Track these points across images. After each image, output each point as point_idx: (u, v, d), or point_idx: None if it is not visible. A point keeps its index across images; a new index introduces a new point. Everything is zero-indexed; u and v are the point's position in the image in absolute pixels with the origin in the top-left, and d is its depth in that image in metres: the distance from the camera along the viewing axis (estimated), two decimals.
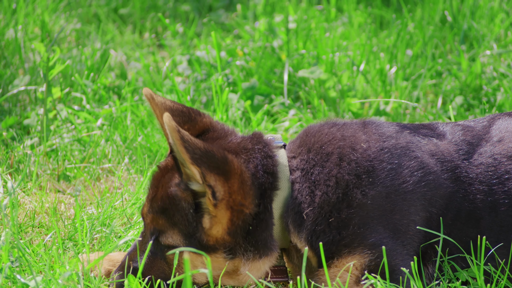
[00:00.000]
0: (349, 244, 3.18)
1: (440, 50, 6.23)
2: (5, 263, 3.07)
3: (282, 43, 6.16)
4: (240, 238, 3.19)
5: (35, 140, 4.88)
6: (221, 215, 3.15)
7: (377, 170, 3.22)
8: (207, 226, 3.17)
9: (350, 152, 3.24)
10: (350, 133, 3.30)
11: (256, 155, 3.23)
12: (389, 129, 3.34)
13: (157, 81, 5.82)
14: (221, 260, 3.21)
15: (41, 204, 4.12)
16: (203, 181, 3.10)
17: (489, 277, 3.28)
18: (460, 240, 3.26)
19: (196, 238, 3.18)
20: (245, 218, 3.18)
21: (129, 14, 7.56)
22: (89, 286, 3.24)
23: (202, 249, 3.17)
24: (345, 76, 5.78)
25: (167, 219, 3.20)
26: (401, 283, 3.15)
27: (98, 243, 3.78)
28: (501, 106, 5.35)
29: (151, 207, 3.24)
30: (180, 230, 3.19)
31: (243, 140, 3.29)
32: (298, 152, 3.30)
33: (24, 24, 6.55)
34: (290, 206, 3.23)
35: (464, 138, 3.37)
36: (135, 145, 4.85)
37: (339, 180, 3.21)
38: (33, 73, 5.67)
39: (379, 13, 7.03)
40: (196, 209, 3.18)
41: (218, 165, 3.10)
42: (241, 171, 3.15)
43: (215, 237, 3.18)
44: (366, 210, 3.18)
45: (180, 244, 3.19)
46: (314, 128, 3.36)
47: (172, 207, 3.20)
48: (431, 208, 3.24)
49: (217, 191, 3.11)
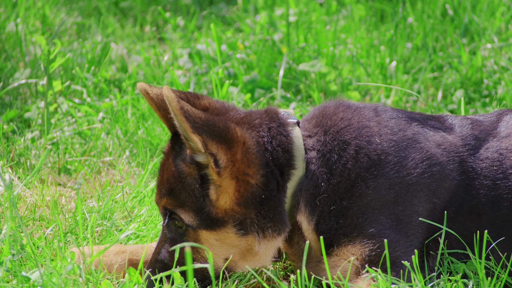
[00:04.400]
0: (348, 234, 3.19)
1: (441, 44, 6.22)
2: (6, 256, 3.08)
3: (282, 36, 6.15)
4: (252, 211, 3.19)
5: (36, 133, 4.88)
6: (226, 185, 3.15)
7: (383, 163, 3.23)
8: (214, 198, 3.17)
9: (366, 145, 3.26)
10: (364, 122, 3.31)
11: (263, 128, 3.23)
12: (399, 121, 3.35)
13: (158, 74, 5.82)
14: (232, 235, 3.20)
15: (42, 198, 4.12)
16: (205, 149, 3.10)
17: (490, 271, 3.28)
18: (461, 234, 3.27)
19: (205, 213, 3.18)
20: (253, 190, 3.17)
21: (130, 7, 7.55)
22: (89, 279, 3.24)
23: (212, 224, 3.18)
24: (345, 69, 5.78)
25: (176, 199, 3.21)
26: (401, 275, 3.15)
27: (99, 236, 3.78)
28: (502, 100, 5.35)
29: (160, 192, 3.26)
30: (189, 207, 3.20)
31: (249, 114, 3.29)
32: (314, 132, 3.31)
33: (24, 17, 6.54)
34: (304, 186, 3.23)
35: (472, 132, 3.38)
36: (136, 138, 4.85)
37: (351, 172, 3.23)
38: (34, 66, 5.67)
39: (379, 7, 7.02)
40: (202, 183, 3.18)
41: (220, 133, 3.10)
42: (245, 140, 3.15)
43: (223, 208, 3.17)
44: (366, 200, 3.19)
45: (192, 221, 3.20)
46: (329, 110, 3.37)
47: (178, 185, 3.20)
48: (435, 199, 3.25)
49: (219, 158, 3.12)
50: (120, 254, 3.46)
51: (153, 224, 3.79)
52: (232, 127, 3.13)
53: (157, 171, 3.33)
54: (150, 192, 4.09)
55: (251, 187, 3.17)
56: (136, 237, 3.71)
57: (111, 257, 3.44)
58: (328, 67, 5.75)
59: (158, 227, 3.77)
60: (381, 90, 5.68)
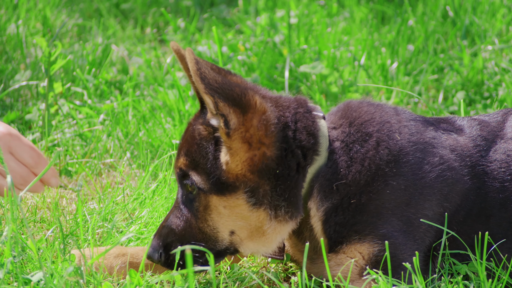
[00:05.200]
0: (360, 231, 3.19)
1: (442, 45, 6.22)
2: (7, 258, 3.08)
3: (283, 38, 6.16)
4: (266, 183, 3.18)
5: (37, 135, 4.88)
6: (237, 147, 3.16)
7: (402, 162, 3.25)
8: (224, 160, 3.17)
9: (387, 139, 3.27)
10: (386, 117, 3.34)
11: (290, 110, 3.25)
12: (417, 123, 3.37)
13: (159, 76, 5.82)
14: (242, 203, 3.20)
15: (43, 199, 4.13)
16: (216, 110, 3.13)
17: (491, 272, 3.28)
18: (469, 237, 3.27)
19: (216, 176, 3.18)
20: (269, 163, 3.17)
21: (130, 9, 7.55)
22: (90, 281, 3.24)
23: (223, 189, 3.19)
24: (346, 71, 5.78)
25: (191, 159, 3.24)
26: (404, 277, 3.15)
27: (99, 238, 3.78)
28: (503, 101, 5.35)
29: (179, 153, 3.29)
30: (202, 169, 3.21)
31: (279, 97, 3.32)
32: (339, 123, 3.33)
33: (25, 19, 6.55)
34: (321, 173, 3.23)
35: (481, 133, 3.39)
36: (137, 140, 4.85)
37: (371, 163, 3.24)
38: (35, 68, 5.68)
39: (380, 8, 7.03)
40: (216, 146, 3.21)
41: (234, 97, 3.13)
42: (265, 110, 3.17)
43: (234, 173, 3.17)
44: (383, 199, 3.20)
45: (203, 185, 3.21)
46: (354, 104, 3.40)
47: (194, 146, 3.23)
48: (446, 203, 3.25)
49: (230, 120, 3.14)
50: (121, 257, 3.45)
51: (154, 226, 3.79)
52: (250, 94, 3.16)
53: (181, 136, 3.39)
54: (151, 194, 4.09)
55: (266, 158, 3.17)
56: (137, 239, 3.71)
57: (111, 260, 3.44)
58: (329, 68, 5.75)
59: None
60: (382, 91, 5.68)
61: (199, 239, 3.26)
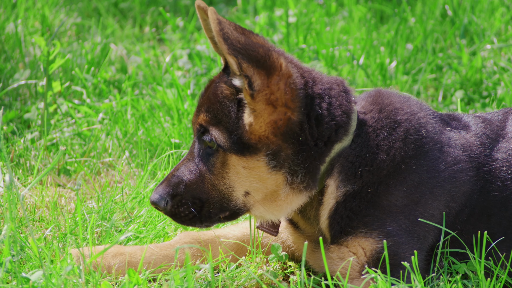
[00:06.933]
0: (369, 224, 3.18)
1: (441, 45, 6.22)
2: (6, 257, 3.08)
3: (282, 37, 6.15)
4: (289, 147, 3.18)
5: (36, 134, 4.88)
6: (261, 109, 3.15)
7: (422, 159, 3.25)
8: (248, 122, 3.16)
9: (414, 133, 3.27)
10: (414, 110, 3.34)
11: (326, 87, 3.25)
12: (437, 122, 3.36)
13: (157, 75, 5.82)
14: (262, 165, 3.19)
15: (42, 198, 4.12)
16: (240, 71, 3.12)
17: (490, 271, 3.29)
18: (470, 236, 3.27)
19: (238, 135, 3.18)
20: (293, 127, 3.16)
21: (129, 8, 7.55)
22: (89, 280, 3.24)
23: (243, 150, 3.17)
24: (345, 70, 5.78)
25: (212, 116, 3.22)
26: (401, 276, 3.15)
27: (98, 237, 3.78)
28: (502, 100, 5.35)
29: (199, 110, 3.27)
30: (224, 127, 3.20)
31: (320, 74, 3.31)
32: (370, 109, 3.33)
33: (24, 18, 6.55)
34: (344, 154, 3.22)
35: (485, 131, 3.39)
36: (136, 139, 4.85)
37: (396, 154, 3.24)
38: (34, 67, 5.67)
39: (379, 8, 7.03)
40: (239, 106, 3.19)
41: (258, 59, 3.11)
42: (290, 74, 3.15)
43: (257, 134, 3.17)
44: (397, 196, 3.20)
45: (224, 142, 3.19)
46: (385, 92, 3.41)
47: (217, 105, 3.21)
48: (453, 203, 3.26)
49: (254, 81, 3.12)
50: (118, 256, 3.45)
51: (152, 225, 3.79)
52: (274, 56, 3.14)
53: (201, 93, 3.35)
54: (149, 193, 4.09)
55: (292, 123, 3.17)
56: (135, 238, 3.71)
57: (109, 259, 3.43)
58: (327, 68, 5.75)
59: (158, 227, 3.77)
60: None
61: (212, 196, 3.25)
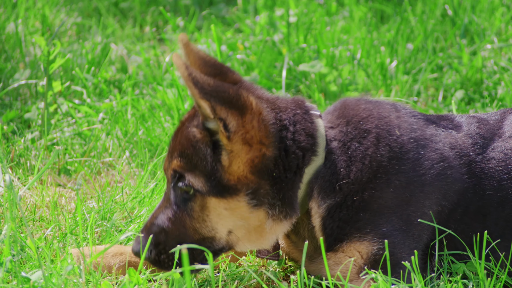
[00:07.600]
0: (362, 229, 3.18)
1: (441, 44, 6.22)
2: (6, 256, 3.08)
3: (282, 37, 6.15)
4: (266, 182, 3.17)
5: (36, 134, 4.88)
6: (238, 149, 3.14)
7: (404, 159, 3.24)
8: (226, 164, 3.15)
9: (386, 135, 3.26)
10: (385, 113, 3.33)
11: (288, 112, 3.24)
12: (417, 119, 3.36)
13: (158, 75, 5.82)
14: (243, 205, 3.18)
15: (42, 198, 4.12)
16: (214, 114, 3.10)
17: (490, 271, 3.28)
18: (466, 235, 3.27)
19: (216, 179, 3.16)
20: (268, 163, 3.17)
21: (129, 8, 7.55)
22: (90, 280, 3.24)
23: (223, 192, 3.16)
24: (345, 70, 5.78)
25: (187, 161, 3.20)
26: (402, 276, 3.15)
27: (98, 237, 3.78)
28: (502, 100, 5.35)
29: (171, 155, 3.24)
30: (201, 171, 3.18)
31: (276, 98, 3.30)
32: (336, 123, 3.32)
33: (24, 18, 6.55)
34: (320, 174, 3.22)
35: (479, 131, 3.39)
36: (136, 139, 4.85)
37: (372, 161, 3.23)
38: (34, 67, 5.67)
39: (379, 7, 7.03)
40: (214, 149, 3.17)
41: (230, 99, 3.10)
42: (261, 111, 3.15)
43: (236, 175, 3.16)
44: (386, 198, 3.19)
45: (202, 187, 3.18)
46: (351, 102, 3.39)
47: (191, 149, 3.19)
48: (444, 201, 3.25)
49: (229, 123, 3.12)
50: (119, 256, 3.45)
51: None
52: (244, 94, 3.14)
53: (171, 137, 3.33)
54: (150, 193, 4.09)
55: (266, 159, 3.16)
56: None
57: (109, 259, 3.43)
58: (328, 67, 5.75)
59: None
60: (381, 90, 5.68)
61: (195, 239, 3.24)
